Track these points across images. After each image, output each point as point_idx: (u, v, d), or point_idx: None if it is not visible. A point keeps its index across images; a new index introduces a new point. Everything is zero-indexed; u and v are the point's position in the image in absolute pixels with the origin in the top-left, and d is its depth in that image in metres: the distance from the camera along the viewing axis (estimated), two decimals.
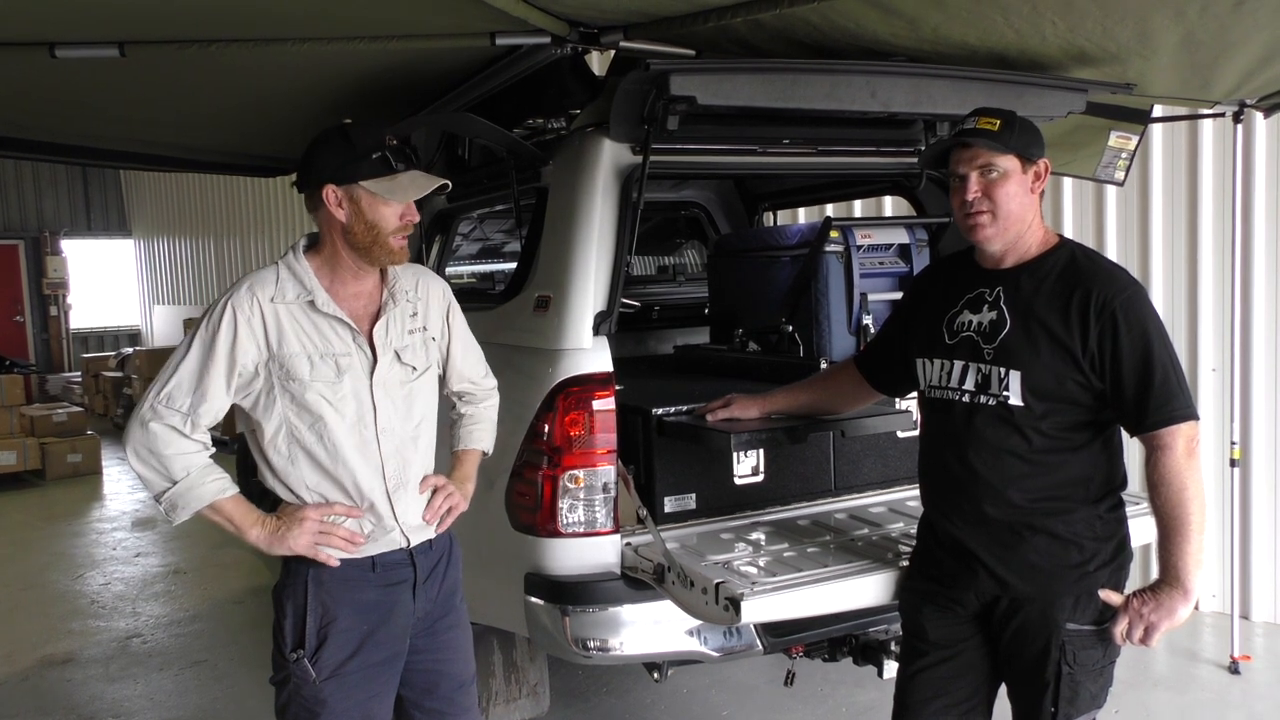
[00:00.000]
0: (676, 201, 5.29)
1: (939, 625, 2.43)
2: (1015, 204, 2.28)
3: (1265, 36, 3.06)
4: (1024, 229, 2.32)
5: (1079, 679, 2.26)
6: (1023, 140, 2.29)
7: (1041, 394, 2.25)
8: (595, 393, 2.87)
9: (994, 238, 2.31)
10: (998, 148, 2.27)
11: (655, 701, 4.15)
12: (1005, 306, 2.31)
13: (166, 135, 4.83)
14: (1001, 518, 2.30)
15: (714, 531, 3.11)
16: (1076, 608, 2.27)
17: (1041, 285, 2.29)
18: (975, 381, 2.33)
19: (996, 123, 2.29)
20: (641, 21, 3.01)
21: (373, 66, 3.48)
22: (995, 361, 2.30)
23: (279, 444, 2.21)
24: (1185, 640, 4.72)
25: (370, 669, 2.27)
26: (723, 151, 3.33)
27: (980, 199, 2.28)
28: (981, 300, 2.36)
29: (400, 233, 2.22)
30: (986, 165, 2.28)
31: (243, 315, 2.16)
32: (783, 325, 3.66)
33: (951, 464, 2.38)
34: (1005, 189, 2.27)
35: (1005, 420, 2.28)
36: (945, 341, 2.41)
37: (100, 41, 3.10)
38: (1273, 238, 4.72)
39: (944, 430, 2.42)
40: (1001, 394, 2.28)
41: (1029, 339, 2.26)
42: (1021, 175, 2.29)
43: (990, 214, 2.28)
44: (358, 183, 2.18)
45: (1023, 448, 2.27)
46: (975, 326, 2.35)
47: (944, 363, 2.40)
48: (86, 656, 4.97)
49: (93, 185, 17.62)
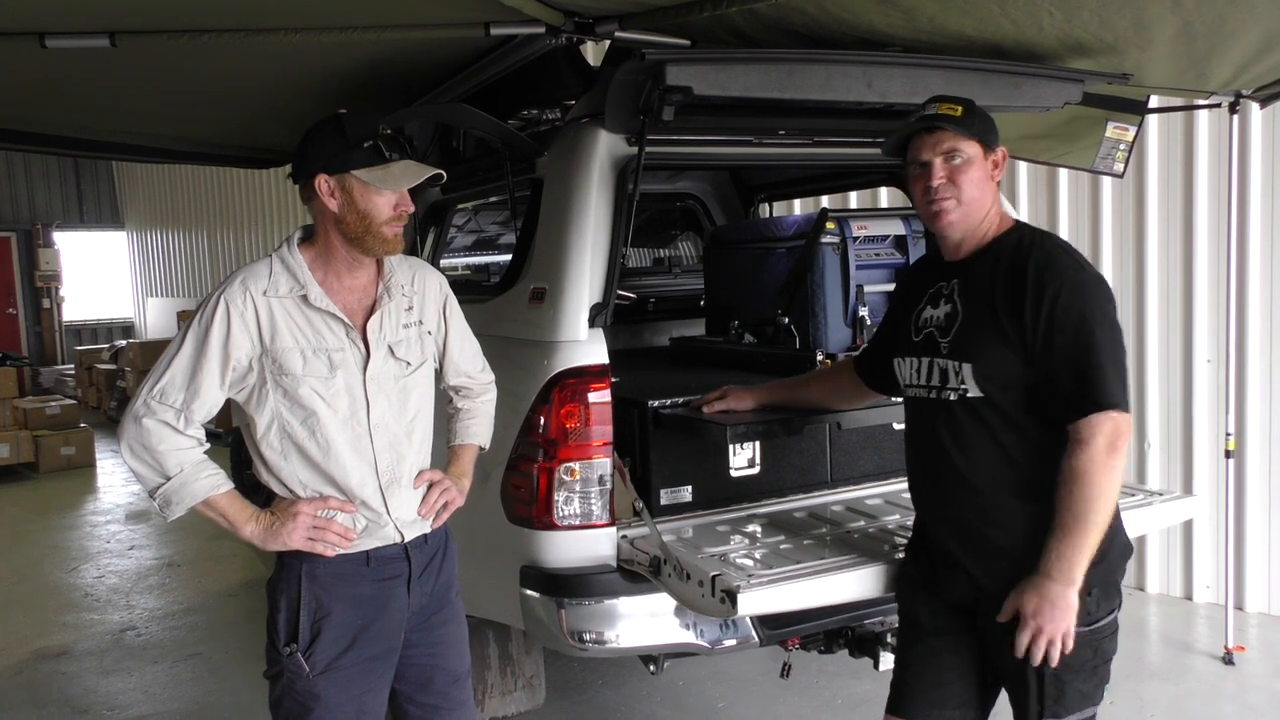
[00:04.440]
0: (672, 193, 5.28)
1: (930, 612, 2.41)
2: (978, 191, 2.27)
3: (1262, 27, 3.06)
4: (982, 217, 2.30)
5: (1064, 678, 2.19)
6: (984, 126, 2.28)
7: (997, 383, 2.20)
8: (591, 385, 2.86)
9: (956, 224, 2.29)
10: (963, 132, 2.25)
11: (651, 694, 4.15)
12: (959, 298, 2.29)
13: (159, 126, 4.82)
14: (975, 516, 2.26)
15: (710, 524, 3.11)
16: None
17: (991, 272, 2.26)
18: (938, 377, 2.31)
19: (959, 108, 2.27)
20: (636, 11, 3.00)
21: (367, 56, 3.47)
22: (950, 355, 2.27)
23: (271, 439, 2.20)
24: (1180, 631, 4.74)
25: (364, 663, 2.26)
26: (718, 142, 3.32)
27: (945, 185, 2.26)
28: (940, 294, 2.35)
29: (394, 223, 2.21)
30: (951, 150, 2.26)
31: (235, 310, 2.15)
32: (779, 317, 3.65)
33: (926, 461, 2.38)
34: (969, 175, 2.26)
35: (970, 414, 2.24)
36: (912, 339, 2.40)
37: (91, 31, 3.08)
38: (1268, 228, 4.72)
39: (917, 428, 2.41)
40: (959, 387, 2.25)
41: (979, 328, 2.23)
42: (983, 162, 2.28)
43: (954, 200, 2.27)
44: (350, 172, 2.16)
45: (989, 442, 2.23)
46: (935, 321, 2.33)
47: (914, 360, 2.38)
48: (80, 649, 4.96)
49: (85, 177, 17.56)
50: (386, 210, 2.19)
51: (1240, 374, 4.76)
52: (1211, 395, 4.90)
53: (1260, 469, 4.83)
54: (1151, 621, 4.90)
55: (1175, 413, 5.02)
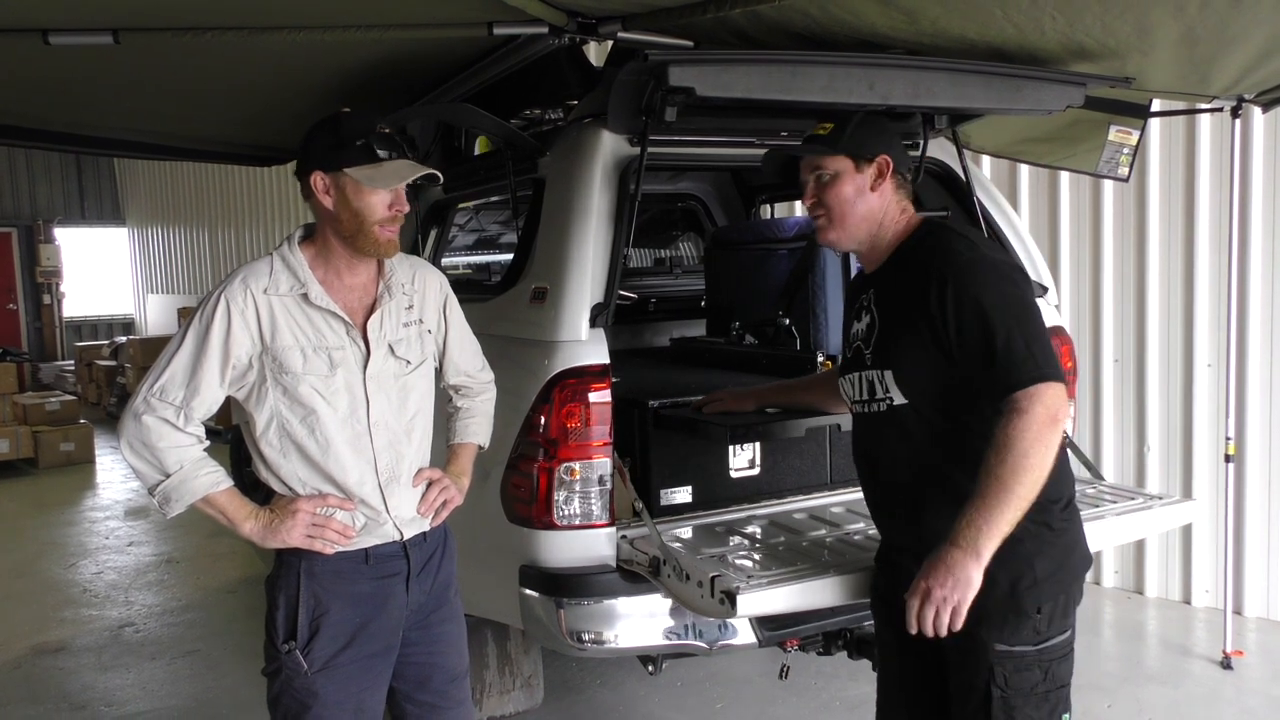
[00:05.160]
0: (674, 193, 5.28)
1: (888, 630, 2.37)
2: (849, 205, 2.25)
3: (1265, 32, 3.06)
4: (875, 227, 2.28)
5: (1014, 703, 2.08)
6: (856, 139, 2.26)
7: (918, 387, 2.16)
8: (592, 385, 2.87)
9: (839, 240, 2.30)
10: (824, 151, 2.26)
11: (649, 694, 4.15)
12: (875, 308, 2.28)
13: (161, 123, 4.82)
14: (917, 531, 2.19)
15: (710, 524, 3.11)
16: (1005, 627, 2.09)
17: (896, 276, 2.25)
18: (867, 389, 2.28)
19: (829, 126, 2.30)
20: (640, 12, 3.00)
21: (370, 55, 3.47)
22: (873, 365, 2.25)
23: (271, 436, 2.20)
24: (1178, 635, 4.74)
25: (363, 661, 2.27)
26: (720, 143, 3.32)
27: (814, 204, 2.30)
28: (862, 307, 2.33)
29: (388, 223, 2.20)
30: (817, 170, 2.28)
31: (236, 308, 2.15)
32: (779, 318, 3.66)
33: (870, 475, 2.36)
34: (835, 191, 2.26)
35: (898, 425, 2.20)
36: (846, 355, 2.40)
37: (95, 28, 3.08)
38: (1269, 233, 4.72)
39: (859, 442, 2.39)
40: (886, 397, 2.22)
41: (893, 335, 2.21)
42: (855, 174, 2.25)
43: (825, 218, 2.28)
44: (343, 170, 2.16)
45: (923, 453, 2.17)
46: (860, 335, 2.32)
47: (851, 377, 2.35)
48: (79, 645, 4.96)
49: (86, 173, 17.54)
50: (380, 210, 2.18)
51: (1240, 378, 4.76)
52: (1212, 399, 4.90)
53: (1260, 473, 4.83)
54: (1150, 625, 4.90)
55: (1175, 416, 5.02)
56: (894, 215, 2.30)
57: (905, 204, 2.32)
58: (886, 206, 2.29)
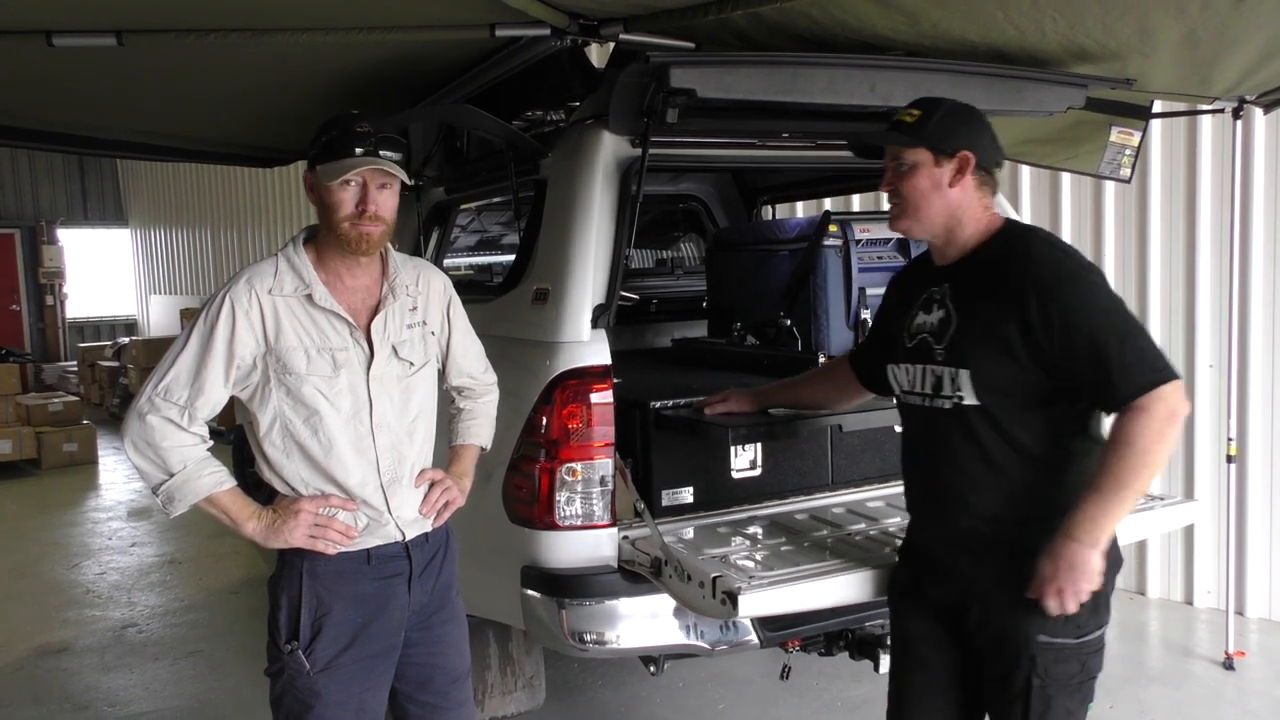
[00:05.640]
0: (675, 194, 5.28)
1: (917, 623, 2.38)
2: (924, 198, 2.22)
3: (1266, 33, 3.06)
4: (951, 223, 2.24)
5: (1051, 693, 2.15)
6: (939, 131, 2.20)
7: (995, 391, 2.15)
8: (593, 385, 2.87)
9: (910, 229, 2.28)
10: (904, 141, 2.22)
11: (651, 695, 4.16)
12: (951, 304, 2.25)
13: (164, 125, 4.83)
14: (968, 526, 2.22)
15: (711, 525, 3.11)
16: (1049, 620, 2.13)
17: (980, 277, 2.22)
18: (931, 384, 2.26)
19: (916, 114, 2.24)
20: (641, 14, 3.01)
21: (372, 57, 3.48)
22: (946, 362, 2.23)
23: (274, 437, 2.20)
24: (1180, 636, 4.74)
25: (365, 661, 2.27)
26: (722, 145, 3.32)
27: (891, 192, 2.27)
28: (932, 300, 2.30)
29: (357, 221, 2.17)
30: (896, 158, 2.25)
31: (240, 308, 2.16)
32: (781, 319, 3.66)
33: (922, 470, 2.35)
34: (912, 183, 2.22)
35: (964, 423, 2.19)
36: (906, 345, 2.36)
37: (98, 30, 3.09)
38: (1270, 234, 4.72)
39: (913, 436, 2.38)
40: (955, 395, 2.20)
41: (975, 335, 2.19)
42: (934, 168, 2.20)
43: (899, 206, 2.26)
44: (316, 166, 2.19)
45: (985, 452, 2.18)
46: (928, 327, 2.29)
47: (908, 368, 2.34)
48: (82, 646, 4.97)
49: (89, 174, 17.57)
50: (347, 206, 2.17)
51: (1242, 379, 4.76)
52: (1213, 400, 4.90)
53: (1262, 474, 4.83)
54: (1152, 626, 4.90)
55: None
56: (975, 213, 2.25)
57: (989, 201, 2.27)
58: (966, 203, 2.23)
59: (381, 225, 2.20)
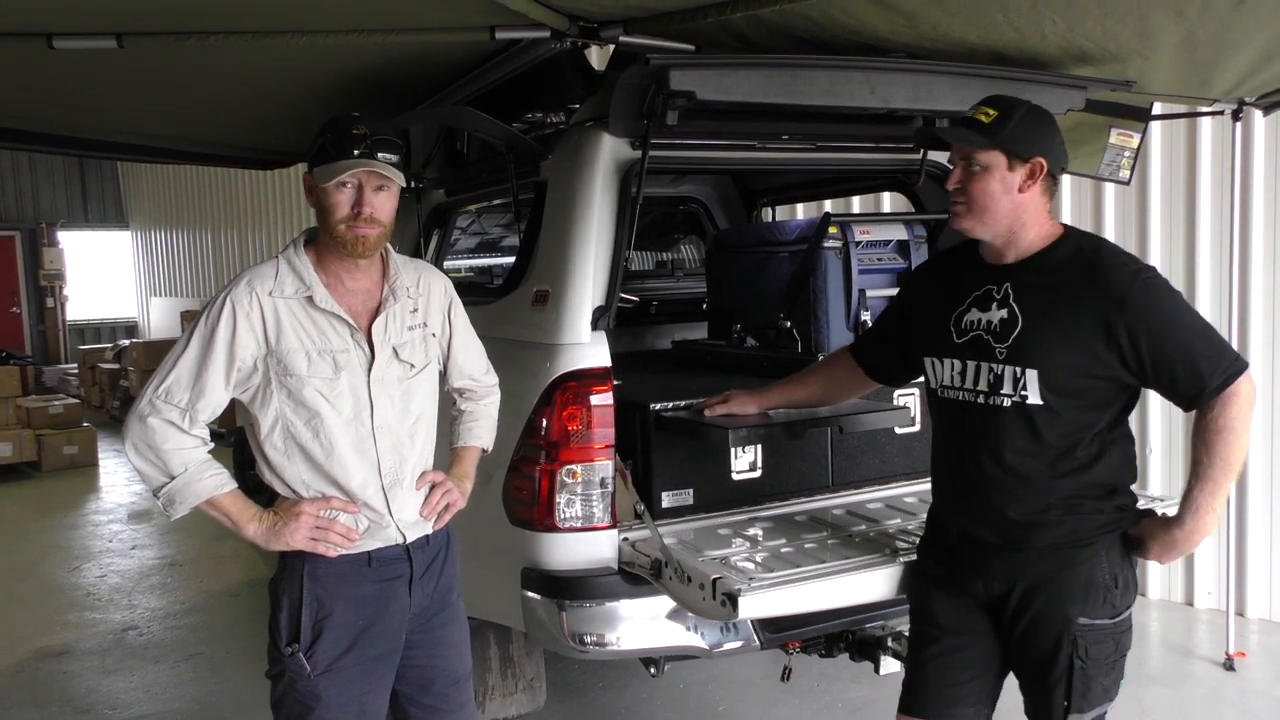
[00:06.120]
0: (675, 196, 5.29)
1: (949, 610, 2.40)
2: (992, 201, 2.22)
3: (1265, 35, 3.06)
4: (1015, 225, 2.25)
5: (1091, 673, 2.23)
6: (1015, 135, 2.19)
7: (1061, 392, 2.20)
8: (593, 387, 2.87)
9: (971, 229, 2.28)
10: (980, 143, 2.21)
11: (651, 696, 4.16)
12: (1016, 304, 2.25)
13: (164, 127, 4.83)
14: (1018, 517, 2.26)
15: (711, 527, 3.11)
16: (1089, 602, 2.23)
17: (1052, 281, 2.23)
18: (988, 381, 2.27)
19: (993, 114, 2.22)
20: (641, 16, 3.01)
21: (372, 60, 3.48)
22: (1009, 361, 2.24)
23: (275, 439, 2.21)
24: (1180, 636, 4.74)
25: (365, 664, 2.27)
26: (721, 147, 3.32)
27: (957, 190, 2.26)
28: (990, 298, 2.30)
29: (353, 224, 2.17)
30: (967, 158, 2.24)
31: (241, 310, 2.16)
32: (781, 321, 3.66)
33: (967, 465, 2.34)
34: (981, 185, 2.22)
35: (1025, 419, 2.22)
36: (954, 340, 2.35)
37: (98, 32, 3.09)
38: (1270, 236, 4.72)
39: (959, 431, 2.37)
40: (1019, 394, 2.22)
41: (1045, 337, 2.20)
42: (1005, 172, 2.20)
43: (964, 206, 2.26)
44: (314, 168, 2.20)
45: (1040, 448, 2.22)
46: (985, 325, 2.29)
47: (954, 362, 2.34)
48: (82, 649, 4.97)
49: (90, 177, 17.58)
50: (343, 208, 2.17)
51: None
52: None
53: (1262, 475, 4.83)
54: (1153, 627, 4.89)
55: (1177, 418, 5.02)
56: (1040, 217, 2.26)
57: (1049, 206, 2.30)
58: (1033, 207, 2.25)
59: (378, 227, 2.20)
